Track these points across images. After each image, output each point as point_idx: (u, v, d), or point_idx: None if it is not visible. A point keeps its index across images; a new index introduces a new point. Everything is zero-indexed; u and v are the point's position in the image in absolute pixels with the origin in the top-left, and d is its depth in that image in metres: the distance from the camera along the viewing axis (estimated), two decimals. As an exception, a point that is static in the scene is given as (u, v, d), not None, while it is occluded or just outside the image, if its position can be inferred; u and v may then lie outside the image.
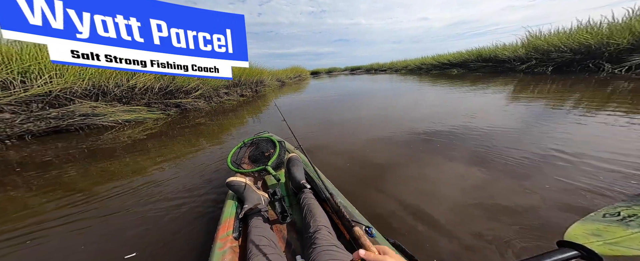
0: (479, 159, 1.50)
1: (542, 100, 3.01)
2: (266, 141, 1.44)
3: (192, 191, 1.40)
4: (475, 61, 8.96)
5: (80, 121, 3.07)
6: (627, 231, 0.50)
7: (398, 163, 1.57)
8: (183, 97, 4.70)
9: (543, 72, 5.95)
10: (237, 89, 6.70)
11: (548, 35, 6.44)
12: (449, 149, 1.70)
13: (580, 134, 1.80)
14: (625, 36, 4.47)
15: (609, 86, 3.44)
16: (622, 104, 2.50)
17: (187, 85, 4.74)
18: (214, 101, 5.44)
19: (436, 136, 2.01)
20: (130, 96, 3.86)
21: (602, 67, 4.76)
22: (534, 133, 1.90)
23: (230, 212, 0.86)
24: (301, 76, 16.37)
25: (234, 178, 0.94)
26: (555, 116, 2.36)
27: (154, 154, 2.17)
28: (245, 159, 1.31)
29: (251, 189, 0.94)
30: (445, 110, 3.01)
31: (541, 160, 1.42)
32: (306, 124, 2.91)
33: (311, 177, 1.04)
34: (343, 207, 0.78)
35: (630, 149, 1.45)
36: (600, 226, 0.54)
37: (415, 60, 14.42)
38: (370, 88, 6.90)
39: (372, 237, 0.66)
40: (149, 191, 1.45)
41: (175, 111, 4.37)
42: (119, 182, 1.59)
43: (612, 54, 4.71)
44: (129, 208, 1.28)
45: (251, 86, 7.64)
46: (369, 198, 1.20)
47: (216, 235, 0.76)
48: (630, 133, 1.72)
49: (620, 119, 2.03)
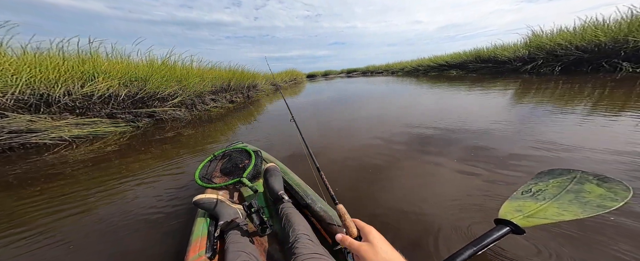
0: (472, 162, 1.44)
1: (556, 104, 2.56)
2: (240, 152, 1.34)
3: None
4: (474, 62, 8.62)
5: (9, 140, 2.46)
6: (538, 204, 0.68)
7: (396, 165, 1.54)
8: (158, 105, 4.09)
9: (550, 73, 5.57)
10: (225, 94, 6.11)
11: (551, 34, 6.10)
12: (447, 151, 1.64)
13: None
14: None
15: (622, 86, 2.99)
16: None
17: (163, 91, 4.11)
18: (198, 109, 4.84)
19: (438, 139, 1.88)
20: (86, 105, 3.25)
21: (619, 67, 4.37)
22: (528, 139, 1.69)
23: (201, 231, 0.80)
24: (297, 80, 16.10)
25: (202, 196, 0.89)
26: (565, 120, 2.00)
27: (110, 175, 1.78)
28: (216, 173, 1.23)
29: (225, 204, 0.90)
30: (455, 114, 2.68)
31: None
32: (303, 128, 2.78)
33: (290, 185, 1.02)
34: (324, 212, 0.80)
35: None
36: (520, 202, 0.71)
37: (412, 62, 14.11)
38: (367, 91, 6.54)
39: None
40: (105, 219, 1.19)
41: (148, 122, 3.81)
42: (46, 219, 1.24)
43: (630, 53, 4.33)
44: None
45: (242, 90, 7.11)
46: (368, 198, 1.18)
47: (185, 257, 0.70)
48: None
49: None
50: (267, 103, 5.87)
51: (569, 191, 0.72)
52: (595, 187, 0.72)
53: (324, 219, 0.77)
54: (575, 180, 0.76)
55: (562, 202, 0.68)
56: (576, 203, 0.67)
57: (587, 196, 0.69)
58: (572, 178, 0.77)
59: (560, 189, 0.74)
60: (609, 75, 4.22)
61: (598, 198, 0.67)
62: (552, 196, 0.71)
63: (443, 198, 1.10)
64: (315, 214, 0.82)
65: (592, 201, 0.66)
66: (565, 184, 0.76)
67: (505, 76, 6.19)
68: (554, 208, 0.66)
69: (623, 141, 1.43)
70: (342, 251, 0.66)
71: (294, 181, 1.03)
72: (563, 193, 0.72)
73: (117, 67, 3.73)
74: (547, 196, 0.72)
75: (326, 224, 0.76)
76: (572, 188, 0.73)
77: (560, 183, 0.76)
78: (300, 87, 10.86)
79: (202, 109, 4.93)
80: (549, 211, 0.65)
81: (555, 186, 0.75)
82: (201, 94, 5.13)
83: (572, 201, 0.68)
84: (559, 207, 0.66)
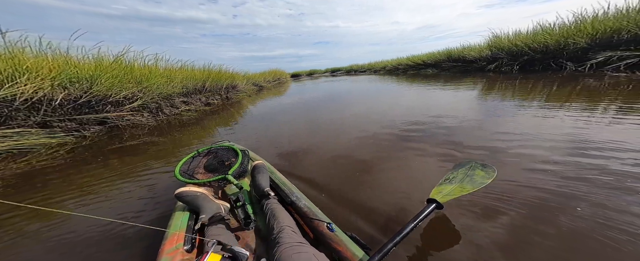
0: (448, 151, 1.62)
1: (510, 98, 2.90)
2: (226, 150, 1.33)
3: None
4: (446, 61, 9.18)
5: None
6: (451, 186, 0.91)
7: (381, 158, 1.63)
8: (111, 110, 3.52)
9: (510, 72, 6.12)
10: (200, 96, 5.75)
11: (508, 37, 6.66)
12: (425, 145, 1.80)
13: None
14: (582, 36, 4.67)
15: (566, 83, 3.43)
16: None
17: (117, 94, 3.55)
18: (166, 113, 4.38)
19: (416, 132, 2.11)
20: (6, 113, 2.60)
21: (564, 66, 4.95)
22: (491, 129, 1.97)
23: (180, 225, 0.79)
24: (281, 79, 15.86)
25: (185, 189, 0.86)
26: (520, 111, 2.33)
27: (41, 195, 1.52)
28: (199, 170, 1.18)
29: (208, 198, 0.87)
30: (425, 109, 2.95)
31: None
32: (290, 128, 2.84)
33: (276, 184, 1.05)
34: (307, 208, 0.84)
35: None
36: (442, 187, 0.93)
37: (393, 61, 14.60)
38: (351, 90, 6.66)
39: (332, 232, 0.71)
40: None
41: (99, 131, 3.27)
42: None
43: (573, 53, 4.91)
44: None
45: (220, 92, 6.77)
46: (355, 192, 1.24)
47: (160, 250, 0.68)
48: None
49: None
50: (249, 104, 5.71)
51: (467, 175, 0.99)
52: (479, 171, 1.00)
53: (307, 214, 0.80)
54: (471, 167, 1.03)
55: (463, 183, 0.93)
56: (470, 182, 0.93)
57: (475, 178, 0.95)
58: (470, 167, 1.04)
59: (463, 175, 0.99)
60: (556, 73, 4.76)
61: (480, 178, 0.95)
62: (459, 180, 0.96)
63: (424, 183, 1.25)
64: (299, 210, 0.85)
65: (478, 181, 0.92)
66: (466, 171, 1.02)
67: (473, 75, 6.65)
68: (458, 187, 0.91)
69: (564, 128, 1.75)
70: (323, 243, 0.71)
71: (280, 180, 1.06)
72: (465, 177, 0.98)
73: (49, 65, 3.08)
74: (456, 181, 0.96)
75: (309, 219, 0.79)
76: (469, 173, 1.00)
77: (463, 171, 1.02)
78: (284, 87, 10.70)
79: (171, 113, 4.46)
80: (456, 190, 0.89)
81: (461, 173, 1.01)
82: (169, 96, 4.66)
83: (468, 182, 0.94)
84: (461, 187, 0.91)
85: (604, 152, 1.31)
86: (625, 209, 0.89)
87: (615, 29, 4.28)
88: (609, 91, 2.77)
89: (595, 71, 4.26)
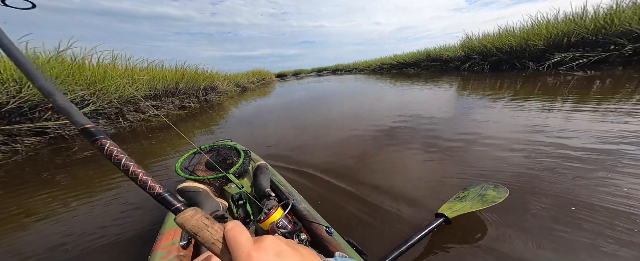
0: (429, 145, 1.84)
1: (479, 95, 3.25)
2: (229, 149, 1.33)
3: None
4: (426, 60, 9.71)
5: None
6: (461, 204, 0.96)
7: (369, 154, 1.80)
8: (53, 117, 3.02)
9: (481, 71, 6.66)
10: (172, 99, 5.22)
11: (480, 38, 7.25)
12: (407, 139, 2.02)
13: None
14: (540, 39, 5.25)
15: (528, 82, 3.90)
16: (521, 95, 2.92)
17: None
18: (129, 119, 3.81)
19: (400, 128, 2.34)
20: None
21: (527, 66, 5.51)
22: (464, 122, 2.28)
23: None
24: (266, 80, 15.64)
25: (188, 184, 0.86)
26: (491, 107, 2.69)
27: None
28: (201, 167, 1.19)
29: (209, 195, 0.87)
30: (406, 107, 3.18)
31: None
32: (279, 127, 2.93)
33: (276, 185, 1.07)
34: (307, 211, 0.85)
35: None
36: (453, 204, 0.98)
37: (377, 60, 15.07)
38: (338, 89, 6.79)
39: (330, 236, 0.72)
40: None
41: (36, 143, 2.78)
42: None
43: (533, 54, 5.49)
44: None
45: (197, 94, 6.32)
46: (346, 187, 1.35)
47: (155, 246, 0.68)
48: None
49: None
50: (232, 107, 5.55)
51: (479, 195, 1.04)
52: (491, 191, 1.05)
53: (306, 217, 0.81)
54: (483, 188, 1.10)
55: (474, 201, 0.99)
56: (481, 201, 0.99)
57: (486, 197, 1.01)
58: (482, 187, 1.11)
59: (474, 194, 1.05)
60: (521, 72, 5.30)
61: (491, 197, 1.00)
62: (470, 199, 1.01)
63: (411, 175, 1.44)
64: (298, 213, 0.86)
65: (489, 200, 0.98)
66: (478, 191, 1.08)
67: (449, 74, 7.15)
68: (469, 205, 0.97)
69: (524, 120, 2.07)
70: (321, 246, 0.73)
71: (280, 182, 1.07)
72: (476, 196, 1.04)
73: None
74: (467, 199, 1.02)
75: (308, 222, 0.79)
76: (481, 193, 1.06)
77: (475, 191, 1.08)
78: (269, 88, 10.59)
79: (136, 118, 3.97)
80: (466, 207, 0.95)
81: (473, 193, 1.07)
82: (133, 100, 4.11)
83: (479, 200, 0.99)
84: (472, 205, 0.97)
85: (557, 138, 1.63)
86: (568, 174, 1.15)
87: (565, 32, 4.87)
88: (562, 87, 3.21)
89: (553, 70, 4.82)
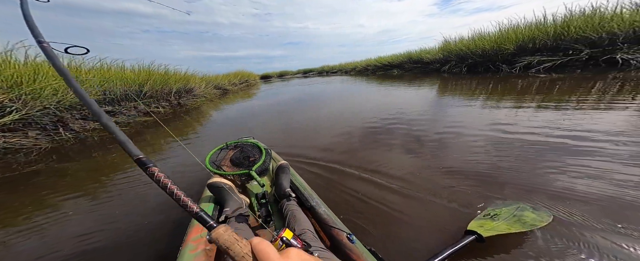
0: (412, 142, 1.97)
1: (457, 96, 3.42)
2: (251, 146, 1.38)
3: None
4: (408, 62, 10.04)
5: None
6: (494, 223, 0.91)
7: (357, 150, 1.90)
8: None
9: (459, 73, 7.01)
10: (134, 104, 4.45)
11: (456, 41, 7.63)
12: (392, 137, 2.14)
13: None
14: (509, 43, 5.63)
15: (499, 83, 4.19)
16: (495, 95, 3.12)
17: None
18: (75, 129, 3.23)
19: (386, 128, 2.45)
20: None
21: (500, 68, 5.87)
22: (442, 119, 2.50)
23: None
24: (249, 81, 15.15)
25: (217, 179, 0.90)
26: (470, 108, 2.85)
27: None
28: (226, 162, 1.24)
29: (234, 191, 0.90)
30: (391, 106, 3.28)
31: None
32: (267, 128, 3.00)
33: (296, 186, 1.06)
34: (327, 215, 0.83)
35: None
36: (482, 221, 0.93)
37: (362, 62, 15.31)
38: (324, 91, 6.78)
39: (352, 243, 0.70)
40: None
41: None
42: None
43: (505, 57, 5.87)
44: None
45: (168, 97, 5.65)
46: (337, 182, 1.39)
47: (187, 237, 0.70)
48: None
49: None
50: (211, 110, 5.19)
51: (514, 215, 0.98)
52: (530, 213, 0.99)
53: (326, 222, 0.79)
54: (518, 208, 1.03)
55: (509, 222, 0.93)
56: (519, 222, 0.92)
57: (525, 219, 0.94)
58: (518, 208, 1.04)
59: (509, 215, 0.99)
60: (495, 74, 5.64)
61: (531, 220, 0.93)
62: (504, 219, 0.96)
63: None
64: (318, 216, 0.84)
65: (528, 223, 0.91)
66: (512, 211, 1.01)
67: (430, 75, 7.44)
68: (504, 225, 0.90)
69: (495, 117, 2.26)
70: (342, 253, 0.71)
71: (300, 183, 1.06)
72: (511, 217, 0.97)
73: None
74: (500, 218, 0.96)
75: (328, 227, 0.77)
76: (516, 213, 1.00)
77: (508, 211, 1.02)
78: (253, 90, 10.28)
79: (82, 128, 3.33)
80: (501, 227, 0.89)
81: (506, 212, 1.01)
82: (75, 105, 3.42)
83: (516, 221, 0.93)
84: (508, 226, 0.90)
85: (523, 134, 1.77)
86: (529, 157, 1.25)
87: (531, 38, 5.27)
88: (528, 88, 3.47)
89: (523, 72, 5.17)
